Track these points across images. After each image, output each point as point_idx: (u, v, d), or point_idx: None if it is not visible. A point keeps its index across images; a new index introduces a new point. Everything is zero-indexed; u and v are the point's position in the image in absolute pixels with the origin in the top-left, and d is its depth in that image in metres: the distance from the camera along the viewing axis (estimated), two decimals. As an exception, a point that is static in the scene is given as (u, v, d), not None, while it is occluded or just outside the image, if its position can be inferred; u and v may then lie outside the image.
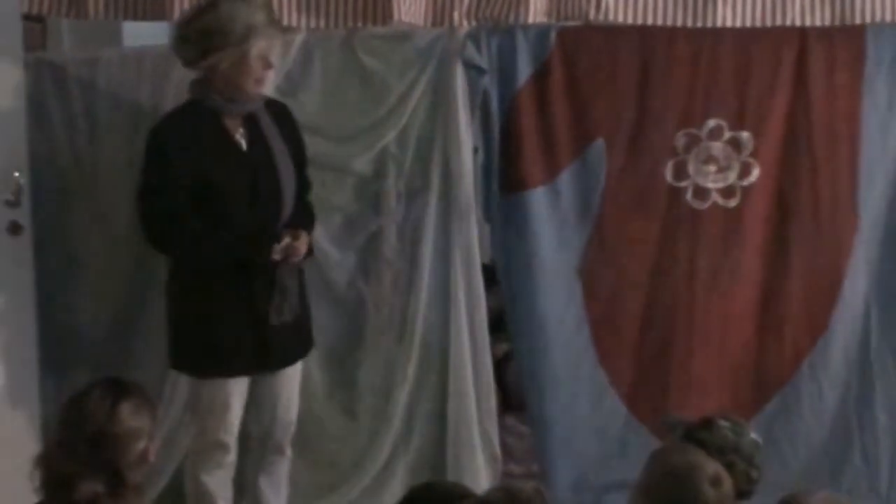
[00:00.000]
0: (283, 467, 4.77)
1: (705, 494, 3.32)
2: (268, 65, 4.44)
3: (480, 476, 4.94)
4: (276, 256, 4.40)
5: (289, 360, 4.64)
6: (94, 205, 5.00)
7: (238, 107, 4.45)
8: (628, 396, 5.10)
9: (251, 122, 4.49)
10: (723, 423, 3.73)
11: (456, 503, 3.34)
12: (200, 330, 4.49)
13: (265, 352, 4.50)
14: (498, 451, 5.06)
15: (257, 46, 4.37)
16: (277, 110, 4.60)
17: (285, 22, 4.74)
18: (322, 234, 5.00)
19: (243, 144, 4.47)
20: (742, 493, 3.67)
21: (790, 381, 5.13)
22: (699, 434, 3.71)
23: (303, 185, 4.64)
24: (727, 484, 3.37)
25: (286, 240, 4.42)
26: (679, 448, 3.55)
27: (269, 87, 4.81)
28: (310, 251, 4.55)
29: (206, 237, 4.41)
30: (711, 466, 3.40)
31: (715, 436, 3.68)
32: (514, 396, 5.55)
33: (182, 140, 4.41)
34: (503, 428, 5.26)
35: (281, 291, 4.46)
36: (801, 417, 5.13)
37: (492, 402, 5.05)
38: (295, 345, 4.63)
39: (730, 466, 3.60)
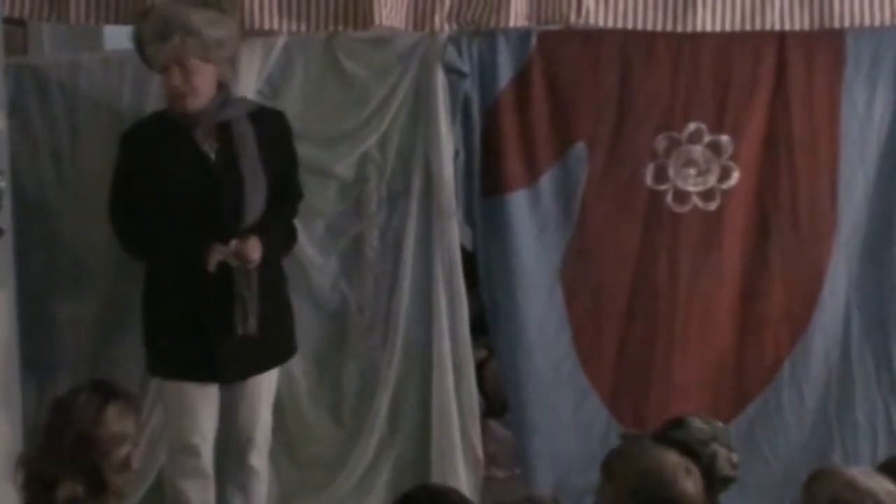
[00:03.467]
0: (256, 484, 4.76)
1: (685, 485, 3.35)
2: (174, 79, 4.46)
3: (462, 478, 4.95)
4: (218, 257, 4.41)
5: (244, 373, 4.62)
6: (75, 208, 4.99)
7: (196, 117, 4.48)
8: (610, 398, 5.11)
9: (225, 132, 4.50)
10: (692, 418, 3.76)
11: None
12: (158, 331, 4.57)
13: (212, 361, 4.51)
14: (480, 453, 5.06)
15: (156, 62, 4.47)
16: (264, 119, 4.61)
17: (266, 26, 4.74)
18: (305, 238, 5.02)
19: (211, 154, 4.50)
20: (727, 479, 3.71)
21: (771, 383, 5.14)
22: (674, 434, 3.73)
23: (283, 195, 4.64)
24: (696, 471, 3.40)
25: (232, 243, 4.43)
26: (641, 448, 3.58)
27: (251, 92, 4.84)
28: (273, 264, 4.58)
29: (160, 242, 4.48)
30: (678, 458, 3.44)
31: (691, 431, 3.71)
32: (495, 401, 5.56)
33: (144, 147, 4.49)
34: (485, 433, 5.27)
35: (239, 301, 4.47)
36: (781, 419, 5.14)
37: (474, 404, 5.06)
38: (253, 358, 4.60)
39: (713, 456, 3.64)
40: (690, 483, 3.41)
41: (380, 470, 5.07)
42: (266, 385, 4.72)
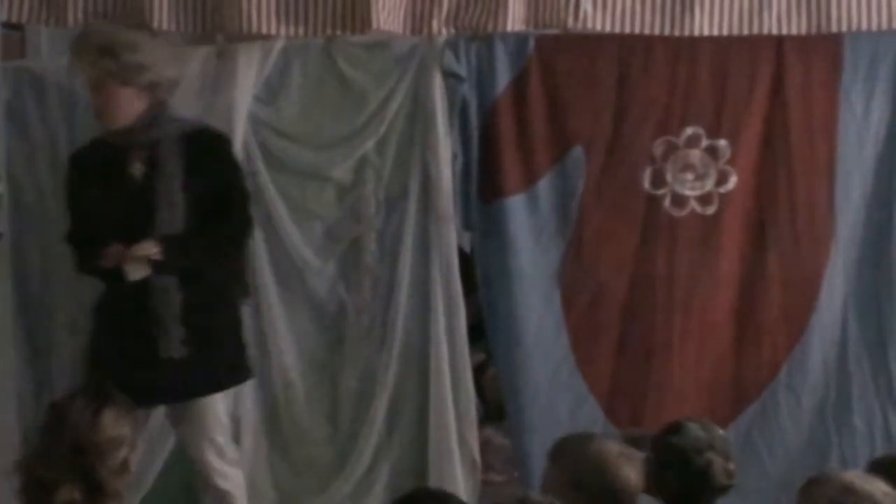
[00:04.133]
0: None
1: (626, 473, 3.44)
2: (92, 98, 4.53)
3: (460, 483, 4.95)
4: (104, 263, 4.42)
5: (169, 398, 4.59)
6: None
7: (123, 138, 4.51)
8: (607, 402, 5.11)
9: (154, 153, 4.52)
10: (690, 424, 3.77)
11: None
12: (93, 350, 4.61)
13: (132, 384, 4.31)
14: (477, 458, 5.06)
15: (81, 78, 4.54)
16: (198, 141, 4.58)
17: (264, 30, 4.74)
18: (302, 243, 5.03)
19: (137, 175, 4.52)
20: (723, 488, 3.71)
21: (768, 387, 5.14)
22: (670, 439, 3.75)
23: (218, 216, 4.58)
24: (637, 459, 3.47)
25: (116, 246, 4.42)
26: (585, 437, 3.63)
27: (248, 96, 4.84)
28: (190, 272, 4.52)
29: (91, 262, 4.52)
30: (619, 447, 3.47)
31: (687, 438, 3.72)
32: (493, 406, 5.56)
33: (85, 170, 4.57)
34: (482, 438, 5.27)
35: (159, 322, 4.45)
36: (779, 424, 5.14)
37: (471, 409, 5.06)
38: (182, 382, 4.52)
39: (709, 464, 3.65)
40: (631, 471, 3.44)
41: (377, 474, 5.07)
42: (210, 410, 4.65)
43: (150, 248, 4.44)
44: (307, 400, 5.12)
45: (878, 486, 3.29)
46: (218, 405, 4.65)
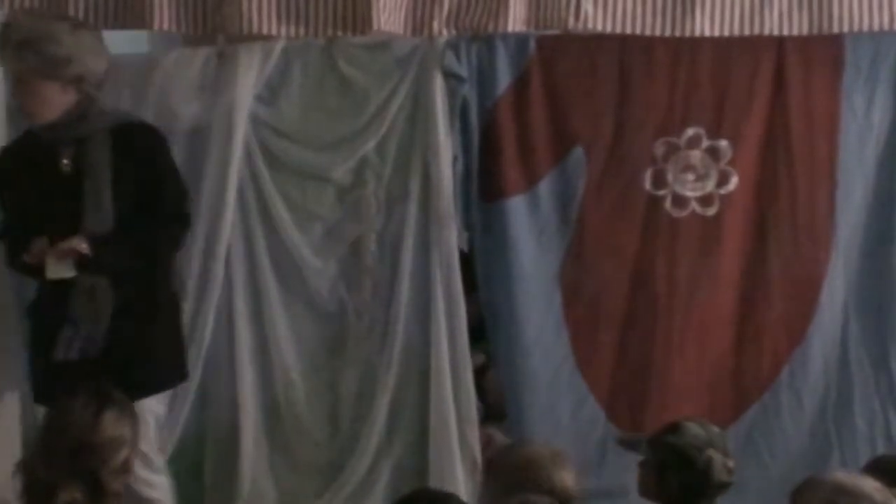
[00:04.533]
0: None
1: (559, 475, 3.51)
2: (14, 93, 4.43)
3: (461, 483, 4.95)
4: (28, 259, 4.34)
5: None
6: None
7: (49, 134, 4.42)
8: (607, 403, 5.11)
9: (82, 148, 4.43)
10: (688, 423, 3.78)
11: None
12: (29, 354, 4.56)
13: (48, 384, 4.37)
14: (478, 458, 5.06)
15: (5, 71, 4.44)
16: (129, 135, 4.50)
17: (265, 31, 4.74)
18: (303, 243, 5.03)
19: (65, 172, 4.43)
20: (723, 485, 3.72)
21: (769, 388, 5.15)
22: (669, 439, 3.76)
23: (150, 210, 4.49)
24: (569, 461, 3.51)
25: (40, 241, 4.33)
26: (518, 444, 3.66)
27: (249, 96, 4.84)
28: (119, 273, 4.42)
29: (20, 259, 4.42)
30: (550, 450, 3.50)
31: (686, 437, 3.73)
32: (494, 407, 5.56)
33: (13, 163, 4.48)
34: (483, 438, 5.26)
35: (70, 322, 4.37)
36: (780, 425, 5.15)
37: (472, 409, 5.06)
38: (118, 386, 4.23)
39: (709, 462, 3.66)
40: (565, 473, 3.46)
41: (378, 475, 5.07)
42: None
43: (78, 245, 4.32)
44: (308, 400, 5.12)
45: (869, 484, 3.31)
46: (144, 412, 4.42)
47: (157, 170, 4.54)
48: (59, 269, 4.33)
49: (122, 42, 5.08)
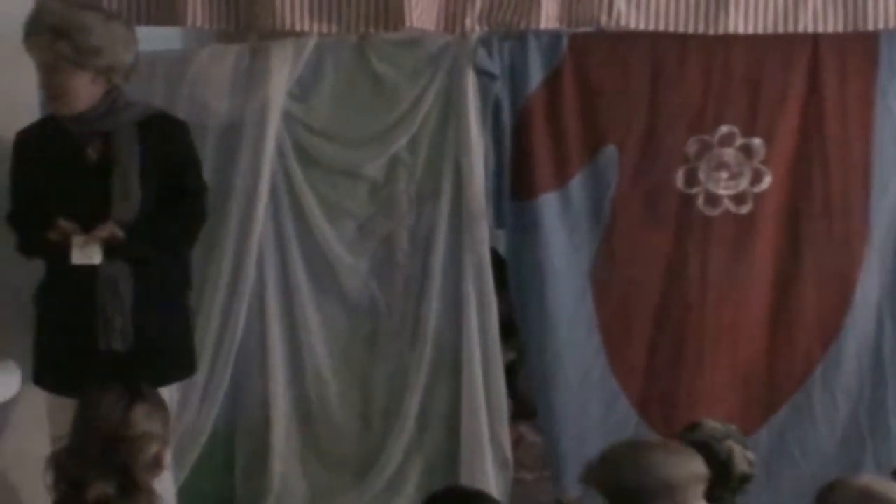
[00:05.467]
0: None
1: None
2: (43, 81, 4.35)
3: (491, 480, 4.94)
4: (51, 235, 4.28)
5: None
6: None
7: (78, 123, 4.38)
8: (639, 402, 5.10)
9: (110, 140, 4.40)
10: (705, 420, 3.81)
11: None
12: (36, 338, 4.47)
13: (89, 375, 4.24)
14: (509, 456, 5.06)
15: (34, 59, 4.33)
16: (155, 127, 4.46)
17: (297, 27, 4.75)
18: (335, 240, 5.04)
19: (90, 163, 4.40)
20: (745, 477, 3.73)
21: (802, 387, 5.11)
22: (691, 436, 3.81)
23: (178, 193, 4.48)
24: None
25: (68, 222, 4.28)
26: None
27: (281, 93, 4.85)
28: (140, 260, 4.39)
29: (41, 249, 4.39)
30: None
31: (707, 431, 3.76)
32: (525, 404, 5.56)
33: (33, 152, 4.42)
34: (514, 436, 5.27)
35: (101, 310, 4.34)
36: (813, 424, 5.12)
37: (503, 407, 5.05)
38: (128, 377, 4.18)
39: (730, 452, 3.68)
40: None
41: (409, 472, 5.08)
42: None
43: (115, 231, 4.31)
44: (339, 396, 5.13)
45: (895, 488, 3.28)
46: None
47: (181, 163, 4.52)
48: (85, 255, 4.29)
49: (155, 38, 5.10)
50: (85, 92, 4.35)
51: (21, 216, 4.47)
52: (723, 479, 3.74)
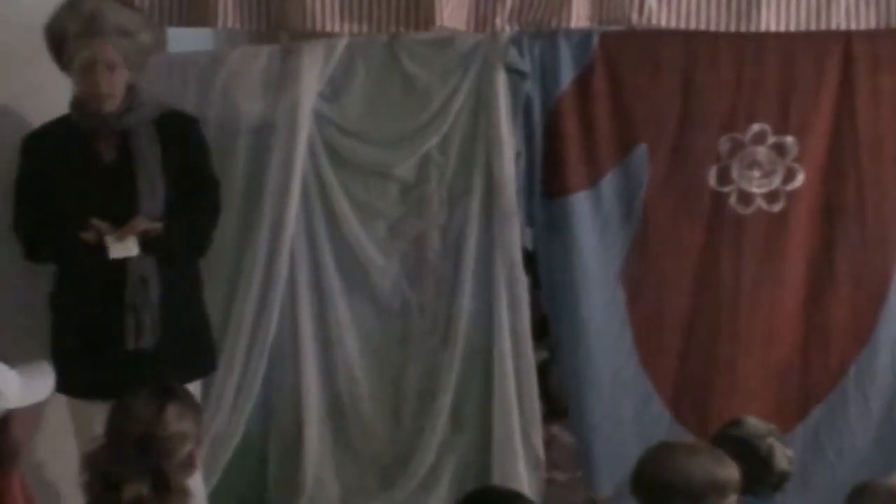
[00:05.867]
0: None
1: None
2: (100, 80, 4.31)
3: (524, 480, 4.94)
4: (87, 237, 4.28)
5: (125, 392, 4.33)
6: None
7: (97, 123, 4.39)
8: (672, 402, 5.08)
9: (126, 138, 4.41)
10: (747, 416, 3.81)
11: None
12: (59, 344, 4.43)
13: (109, 377, 4.27)
14: (541, 456, 5.05)
15: (79, 58, 4.31)
16: (170, 124, 4.49)
17: (328, 28, 4.76)
18: (366, 240, 5.04)
19: (108, 161, 4.41)
20: (784, 474, 3.72)
21: (836, 388, 5.09)
22: (732, 432, 3.80)
23: (191, 204, 4.50)
24: None
25: (101, 222, 4.29)
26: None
27: (312, 93, 4.85)
28: (169, 258, 4.41)
29: (57, 250, 4.39)
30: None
31: (748, 428, 3.76)
32: (558, 404, 5.55)
33: (43, 154, 4.40)
34: (547, 436, 5.26)
35: (131, 311, 4.35)
36: (846, 425, 5.09)
37: (535, 406, 5.04)
38: (158, 373, 4.22)
39: (771, 449, 3.67)
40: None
41: (441, 472, 5.07)
42: None
43: (151, 225, 4.33)
44: (371, 396, 5.14)
45: None
46: None
47: (198, 159, 4.57)
48: (122, 249, 4.31)
49: (187, 40, 5.12)
50: (122, 89, 4.39)
51: (29, 223, 4.44)
52: (763, 476, 3.75)
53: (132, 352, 4.34)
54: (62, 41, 4.33)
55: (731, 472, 3.38)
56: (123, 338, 4.34)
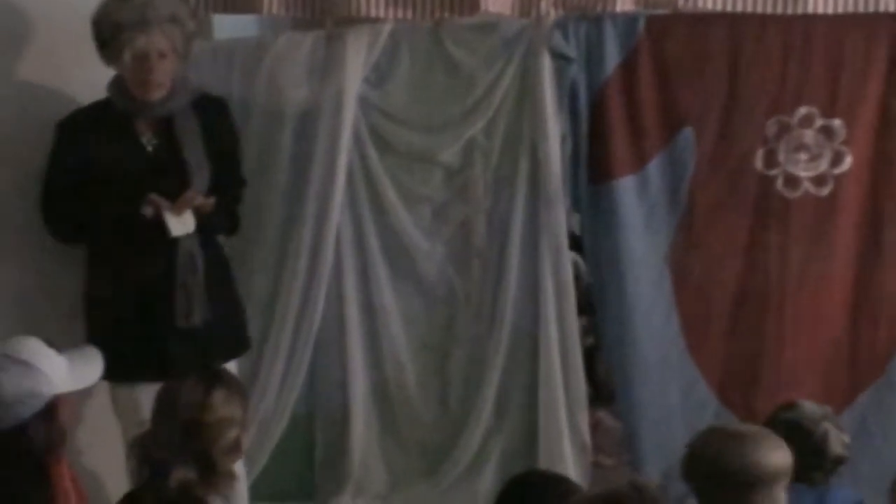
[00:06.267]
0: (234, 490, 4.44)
1: None
2: (149, 69, 4.34)
3: (570, 465, 4.94)
4: (146, 212, 4.31)
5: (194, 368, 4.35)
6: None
7: (141, 109, 4.41)
8: (719, 386, 5.06)
9: (166, 124, 4.45)
10: (802, 400, 3.78)
11: (554, 495, 3.32)
12: (101, 330, 4.42)
13: (161, 358, 4.32)
14: (588, 440, 5.04)
15: (130, 48, 4.33)
16: (207, 108, 4.55)
17: (373, 14, 4.76)
18: (411, 225, 5.05)
19: (149, 146, 4.44)
20: (839, 459, 3.69)
21: (884, 372, 5.05)
22: (786, 415, 3.77)
23: (227, 183, 4.56)
24: None
25: (155, 198, 4.31)
26: None
27: (357, 79, 4.86)
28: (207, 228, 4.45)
29: (101, 231, 4.41)
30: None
31: (804, 411, 3.73)
32: (603, 389, 5.54)
33: (81, 136, 4.42)
34: (593, 420, 5.25)
35: (182, 289, 4.38)
36: (894, 409, 5.05)
37: (581, 391, 5.04)
38: (205, 352, 4.33)
39: (825, 434, 3.65)
40: None
41: (487, 456, 5.09)
42: None
43: (206, 199, 4.39)
44: (417, 382, 5.15)
45: None
46: None
47: (231, 141, 4.64)
48: (181, 226, 4.35)
49: (232, 26, 5.14)
50: (171, 77, 4.43)
51: (68, 204, 4.44)
52: (815, 462, 3.71)
53: (178, 331, 4.37)
54: (114, 31, 4.34)
55: (786, 457, 3.36)
56: (169, 317, 4.37)
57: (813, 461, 3.74)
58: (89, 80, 4.50)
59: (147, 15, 4.32)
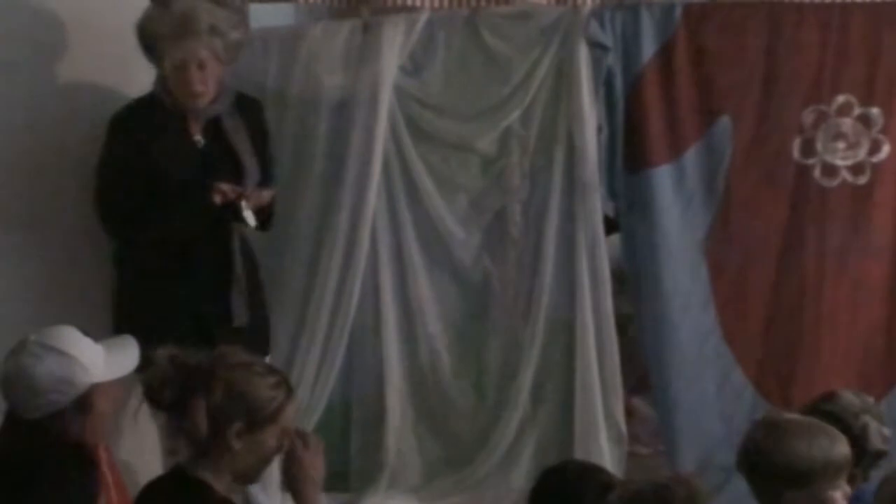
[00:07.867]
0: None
1: None
2: (192, 79, 4.33)
3: (606, 455, 4.93)
4: (218, 199, 4.32)
5: None
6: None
7: (189, 109, 4.42)
8: (755, 376, 5.04)
9: (213, 123, 4.46)
10: (842, 391, 3.73)
11: (591, 486, 3.29)
12: (142, 328, 4.20)
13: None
14: (623, 430, 5.04)
15: (170, 58, 4.32)
16: (246, 109, 4.56)
17: (409, 2, 4.76)
18: (447, 214, 5.05)
19: (201, 143, 4.45)
20: (879, 453, 3.65)
21: (922, 362, 5.04)
22: (825, 406, 3.71)
23: (265, 181, 4.58)
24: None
25: (226, 187, 4.33)
26: None
27: (393, 68, 4.86)
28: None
29: (156, 227, 4.40)
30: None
31: (842, 403, 3.68)
32: (639, 378, 5.53)
33: (136, 133, 4.41)
34: (628, 409, 5.25)
35: (237, 282, 4.40)
36: (932, 400, 5.03)
37: (617, 380, 5.03)
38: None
39: (865, 428, 3.61)
40: None
41: (522, 446, 5.08)
42: None
43: (269, 196, 4.46)
44: (453, 371, 5.15)
45: None
46: None
47: (267, 141, 4.65)
48: (251, 218, 4.39)
49: (268, 15, 5.15)
50: (216, 83, 4.43)
51: (124, 200, 4.41)
52: (856, 454, 3.67)
53: (225, 330, 4.36)
54: (154, 40, 4.35)
55: (845, 450, 3.32)
56: (222, 314, 4.39)
57: (853, 454, 3.70)
58: (137, 77, 4.54)
59: (185, 26, 4.32)
